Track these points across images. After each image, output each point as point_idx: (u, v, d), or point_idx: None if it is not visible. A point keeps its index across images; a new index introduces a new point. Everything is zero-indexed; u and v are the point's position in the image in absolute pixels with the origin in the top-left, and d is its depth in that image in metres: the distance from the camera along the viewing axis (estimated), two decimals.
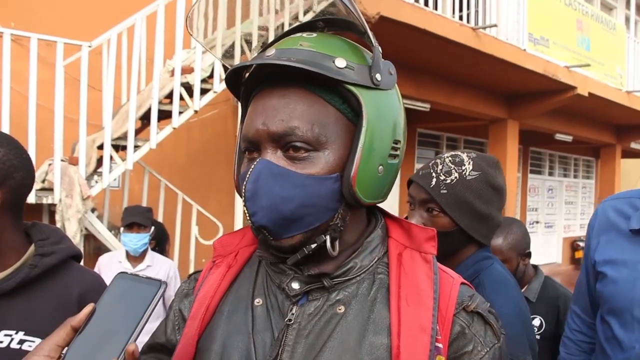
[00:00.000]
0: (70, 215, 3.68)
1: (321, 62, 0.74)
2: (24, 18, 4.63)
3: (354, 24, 0.82)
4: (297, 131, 0.73)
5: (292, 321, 0.78)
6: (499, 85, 6.95)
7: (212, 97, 4.34)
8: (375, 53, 0.77)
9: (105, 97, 4.08)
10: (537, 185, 11.47)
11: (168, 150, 4.79)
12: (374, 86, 0.76)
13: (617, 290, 1.42)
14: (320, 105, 0.75)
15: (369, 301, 0.78)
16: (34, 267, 1.21)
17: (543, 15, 6.82)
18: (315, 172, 0.74)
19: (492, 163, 1.47)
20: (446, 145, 9.21)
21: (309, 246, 0.76)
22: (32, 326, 1.19)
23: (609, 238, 1.49)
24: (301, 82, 0.75)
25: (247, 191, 0.73)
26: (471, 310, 0.79)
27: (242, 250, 0.90)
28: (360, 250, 0.81)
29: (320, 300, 0.79)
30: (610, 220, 1.50)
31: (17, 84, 3.78)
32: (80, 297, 1.27)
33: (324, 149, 0.74)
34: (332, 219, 0.77)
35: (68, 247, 1.31)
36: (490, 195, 1.42)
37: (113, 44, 3.98)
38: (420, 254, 0.82)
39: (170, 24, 4.17)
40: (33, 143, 3.64)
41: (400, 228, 0.86)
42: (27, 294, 1.21)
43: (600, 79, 7.93)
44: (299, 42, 0.77)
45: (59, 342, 0.70)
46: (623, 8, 11.11)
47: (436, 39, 5.08)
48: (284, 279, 0.80)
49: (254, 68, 0.80)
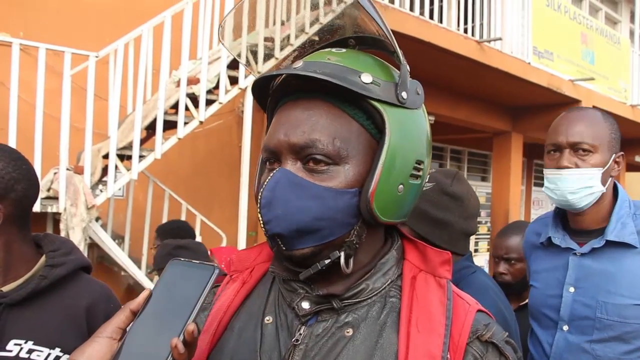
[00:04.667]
0: (74, 224, 3.69)
1: (347, 76, 0.73)
2: (33, 28, 4.67)
3: (383, 42, 0.83)
4: (318, 144, 0.72)
5: (299, 341, 0.76)
6: (503, 98, 6.96)
7: (217, 108, 4.37)
8: (403, 71, 0.77)
9: (111, 106, 4.11)
10: (540, 198, 11.43)
11: (173, 160, 4.80)
12: (399, 104, 0.75)
13: (535, 295, 1.67)
14: (344, 120, 0.74)
15: (378, 325, 0.76)
16: (43, 278, 1.23)
17: (548, 29, 6.84)
18: (334, 186, 0.73)
19: (449, 174, 1.57)
20: (450, 157, 9.21)
21: (322, 261, 0.75)
22: (41, 336, 1.20)
23: (534, 256, 1.74)
24: (326, 95, 0.75)
25: (263, 198, 0.72)
26: (486, 340, 0.76)
27: (258, 266, 0.89)
28: (373, 272, 0.79)
29: (329, 322, 0.77)
30: (530, 241, 1.77)
31: (24, 92, 3.81)
32: (89, 309, 1.28)
33: (345, 164, 0.73)
34: (348, 235, 0.75)
35: (78, 258, 1.32)
36: (446, 203, 1.50)
37: (120, 54, 4.02)
38: (434, 278, 0.79)
39: (177, 35, 4.20)
40: (39, 151, 3.66)
41: (415, 250, 0.84)
42: (36, 304, 1.23)
43: (605, 93, 7.93)
44: (327, 56, 0.77)
45: (120, 325, 0.73)
46: (627, 22, 11.14)
47: (441, 52, 5.10)
48: (294, 297, 0.79)
49: (281, 80, 0.80)
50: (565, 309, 1.55)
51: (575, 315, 1.54)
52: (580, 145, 1.52)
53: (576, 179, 1.52)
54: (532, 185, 11.09)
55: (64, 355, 1.21)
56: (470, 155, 9.60)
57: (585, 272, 1.55)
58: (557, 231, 1.64)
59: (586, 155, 1.52)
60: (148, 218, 4.68)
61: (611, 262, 1.51)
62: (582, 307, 1.52)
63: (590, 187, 1.51)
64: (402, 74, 0.77)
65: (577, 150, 1.53)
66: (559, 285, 1.58)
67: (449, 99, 6.51)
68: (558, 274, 1.60)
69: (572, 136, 1.53)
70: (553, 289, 1.60)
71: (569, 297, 1.55)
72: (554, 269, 1.62)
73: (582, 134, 1.53)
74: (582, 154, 1.52)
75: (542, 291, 1.64)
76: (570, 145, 1.53)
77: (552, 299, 1.59)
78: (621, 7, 11.14)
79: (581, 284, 1.54)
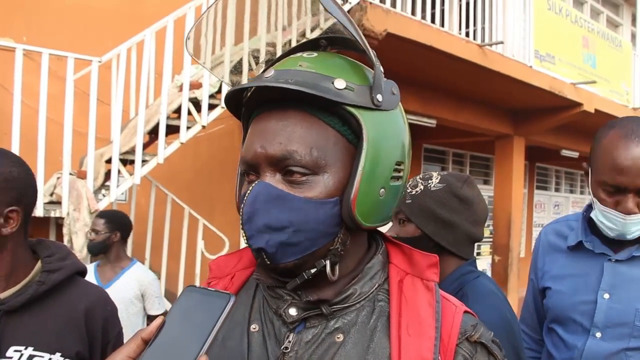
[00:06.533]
0: (77, 228, 3.70)
1: (320, 84, 0.72)
2: (36, 33, 4.70)
3: (354, 43, 0.81)
4: (296, 155, 0.71)
5: (288, 349, 0.75)
6: (505, 101, 6.96)
7: (219, 112, 4.37)
8: (377, 73, 0.75)
9: (114, 111, 4.12)
10: (543, 201, 11.42)
11: (175, 164, 4.81)
12: (374, 107, 0.74)
13: (560, 300, 1.60)
14: (320, 128, 0.73)
15: (369, 330, 0.76)
16: (41, 283, 1.23)
17: (549, 32, 6.84)
18: (314, 196, 0.72)
19: (461, 178, 1.55)
20: (452, 161, 9.21)
21: (308, 271, 0.74)
22: (40, 342, 1.20)
23: (552, 258, 1.67)
24: (300, 104, 0.73)
25: (245, 214, 0.71)
26: (474, 341, 0.77)
27: (239, 273, 0.88)
28: (360, 277, 0.79)
29: (318, 328, 0.77)
30: (551, 242, 1.70)
31: (27, 97, 3.83)
32: (87, 312, 1.29)
33: (323, 173, 0.72)
34: (332, 243, 0.75)
35: (74, 263, 1.33)
36: (455, 205, 1.49)
37: (122, 59, 4.03)
38: (422, 281, 0.79)
39: (179, 40, 4.21)
40: (42, 156, 3.67)
41: (401, 254, 0.83)
42: (35, 310, 1.23)
43: (607, 96, 7.92)
44: (298, 62, 0.76)
45: (130, 354, 0.69)
46: (629, 25, 11.13)
47: (442, 56, 5.10)
48: (281, 304, 0.78)
49: (253, 90, 0.78)
50: (600, 315, 1.50)
51: (610, 322, 1.49)
52: None
53: (638, 222, 1.42)
54: (535, 189, 11.08)
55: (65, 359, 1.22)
56: (473, 159, 9.59)
57: (622, 279, 1.50)
58: (587, 235, 1.58)
59: None
60: (150, 223, 4.68)
61: None
62: (618, 314, 1.48)
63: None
64: (376, 76, 0.75)
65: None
66: (590, 291, 1.53)
67: (451, 102, 6.51)
68: (589, 279, 1.54)
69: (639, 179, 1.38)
70: (583, 294, 1.54)
71: (603, 304, 1.50)
72: (583, 274, 1.56)
73: None
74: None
75: (570, 296, 1.58)
76: (636, 189, 1.40)
77: (584, 305, 1.53)
78: (622, 11, 11.14)
79: (617, 290, 1.50)
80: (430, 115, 6.25)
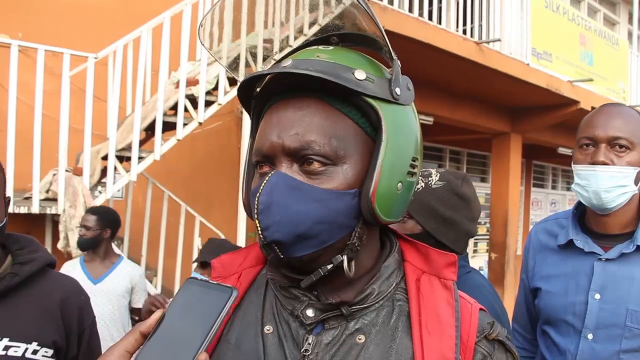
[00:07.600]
0: (73, 225, 3.69)
1: (340, 73, 0.70)
2: (31, 30, 4.68)
3: (367, 39, 0.80)
4: (314, 145, 0.69)
5: (308, 352, 0.73)
6: (502, 99, 6.97)
7: (216, 109, 4.36)
8: (395, 67, 0.74)
9: (110, 108, 4.11)
10: (540, 198, 11.44)
11: (172, 161, 4.80)
12: (393, 100, 0.73)
13: (552, 300, 1.58)
14: (338, 118, 0.71)
15: (390, 330, 0.74)
16: (14, 275, 1.25)
17: (546, 30, 6.85)
18: (333, 187, 0.70)
19: (459, 176, 1.57)
20: (449, 158, 9.22)
21: (325, 267, 0.72)
22: (16, 332, 1.23)
23: (542, 257, 1.66)
24: (318, 94, 0.71)
25: (260, 203, 0.68)
26: (492, 339, 0.76)
27: (246, 271, 0.84)
28: (378, 276, 0.77)
29: (338, 329, 0.74)
30: (541, 241, 1.68)
31: (23, 94, 3.81)
32: (62, 302, 1.33)
33: (343, 164, 0.71)
34: (349, 237, 0.73)
35: (45, 255, 1.36)
36: (455, 202, 1.50)
37: (119, 55, 4.02)
38: (439, 280, 0.78)
39: (176, 36, 4.21)
40: (38, 153, 3.66)
41: (416, 252, 0.82)
42: (9, 301, 1.25)
43: (603, 94, 7.93)
44: (315, 53, 0.74)
45: (128, 348, 0.67)
46: (626, 23, 11.15)
47: (440, 53, 5.10)
48: (297, 305, 0.75)
49: (269, 79, 0.76)
50: (591, 316, 1.48)
51: (602, 323, 1.46)
52: (618, 140, 1.43)
53: (611, 176, 1.42)
54: (531, 186, 11.10)
55: (42, 348, 1.24)
56: (470, 156, 9.60)
57: (612, 279, 1.47)
58: (578, 233, 1.56)
59: (623, 152, 1.43)
60: (147, 219, 4.67)
61: None
62: (610, 316, 1.45)
63: (624, 187, 1.43)
64: (394, 70, 0.74)
65: (614, 145, 1.43)
66: (581, 292, 1.51)
67: (448, 100, 6.51)
68: (580, 279, 1.52)
69: (610, 130, 1.43)
70: (574, 295, 1.52)
71: (594, 305, 1.47)
72: (574, 274, 1.54)
73: (621, 129, 1.43)
74: (619, 150, 1.43)
75: (561, 297, 1.56)
76: (607, 139, 1.43)
77: (575, 305, 1.51)
78: (619, 9, 11.16)
79: (607, 291, 1.47)
80: (427, 112, 6.25)
